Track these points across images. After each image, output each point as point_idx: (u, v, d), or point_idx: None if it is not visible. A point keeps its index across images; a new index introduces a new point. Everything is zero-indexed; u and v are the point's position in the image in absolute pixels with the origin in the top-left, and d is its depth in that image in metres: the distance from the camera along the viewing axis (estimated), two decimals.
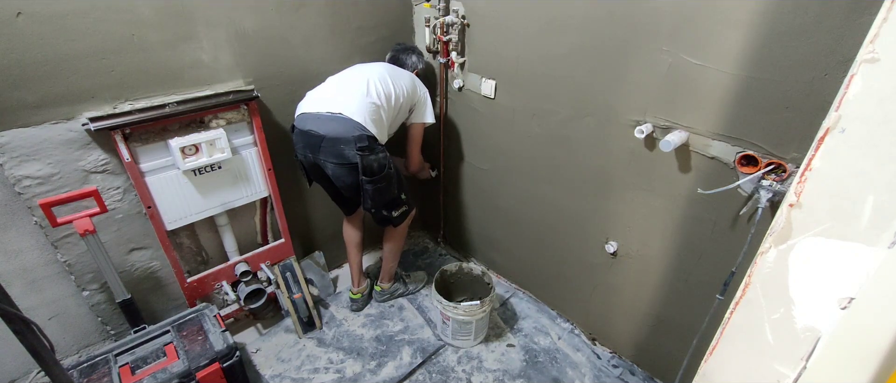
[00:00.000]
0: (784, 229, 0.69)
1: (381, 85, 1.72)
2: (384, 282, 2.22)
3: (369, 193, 1.71)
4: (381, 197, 1.75)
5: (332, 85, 1.75)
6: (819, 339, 0.67)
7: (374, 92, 1.70)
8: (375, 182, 1.68)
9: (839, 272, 0.64)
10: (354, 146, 1.60)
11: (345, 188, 1.78)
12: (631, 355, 1.93)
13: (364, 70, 1.78)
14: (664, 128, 1.41)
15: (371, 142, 1.63)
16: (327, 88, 1.74)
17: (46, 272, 1.60)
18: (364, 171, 1.64)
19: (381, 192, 1.73)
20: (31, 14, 1.28)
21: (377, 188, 1.70)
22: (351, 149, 1.61)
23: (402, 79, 1.81)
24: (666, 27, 1.29)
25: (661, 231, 1.57)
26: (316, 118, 1.64)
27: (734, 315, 0.79)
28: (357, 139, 1.59)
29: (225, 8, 1.59)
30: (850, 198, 0.61)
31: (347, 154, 1.62)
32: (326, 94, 1.71)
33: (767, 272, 0.72)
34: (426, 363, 1.95)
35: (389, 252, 2.13)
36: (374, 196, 1.72)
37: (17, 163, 1.40)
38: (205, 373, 1.49)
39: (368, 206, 1.76)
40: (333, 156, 1.64)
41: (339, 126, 1.61)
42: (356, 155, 1.60)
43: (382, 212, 1.85)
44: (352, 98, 1.66)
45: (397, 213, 1.89)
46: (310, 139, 1.65)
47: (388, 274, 2.20)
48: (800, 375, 0.71)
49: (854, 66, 0.58)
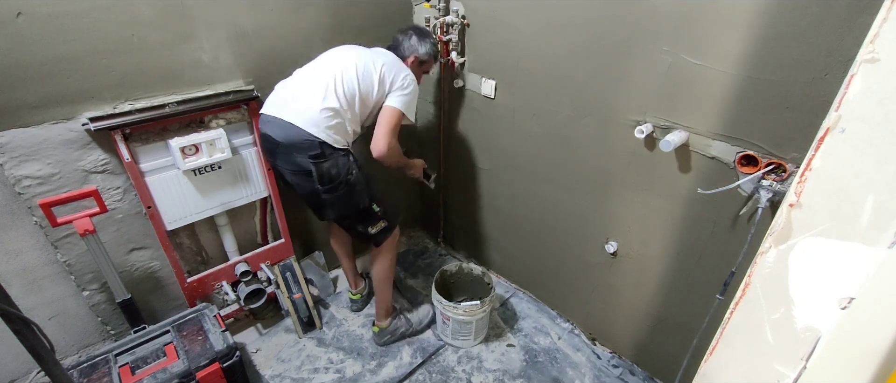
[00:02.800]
0: (784, 229, 0.69)
1: (343, 85, 1.55)
2: (381, 320, 1.97)
3: (328, 202, 1.58)
4: (343, 207, 1.61)
5: (293, 84, 1.62)
6: (819, 339, 0.67)
7: (333, 95, 1.53)
8: (332, 190, 1.56)
9: (839, 272, 0.64)
10: (306, 154, 1.51)
11: (305, 198, 1.67)
12: (631, 355, 1.93)
13: (333, 64, 1.60)
14: (664, 128, 1.41)
15: (324, 149, 1.52)
16: (288, 88, 1.62)
17: (46, 272, 1.60)
18: (319, 179, 1.54)
19: (341, 202, 1.60)
20: (31, 14, 1.28)
21: (336, 197, 1.58)
22: (303, 157, 1.52)
23: (375, 68, 1.59)
24: (666, 27, 1.29)
25: (661, 231, 1.56)
26: (273, 122, 1.55)
27: (734, 315, 0.79)
28: (308, 147, 1.50)
29: (225, 8, 1.59)
30: (850, 197, 0.61)
31: (300, 161, 1.53)
32: (286, 95, 1.60)
33: (767, 272, 0.72)
34: (426, 363, 1.95)
35: (378, 281, 1.90)
36: (333, 205, 1.59)
37: (17, 163, 1.40)
38: (205, 373, 1.49)
39: (331, 217, 1.64)
40: (288, 163, 1.56)
41: (291, 134, 1.51)
42: (309, 162, 1.51)
43: (356, 228, 1.70)
44: (306, 105, 1.52)
45: (375, 230, 1.71)
46: (267, 143, 1.59)
47: (383, 309, 1.95)
48: (800, 375, 0.70)
49: (854, 66, 0.58)
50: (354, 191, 1.61)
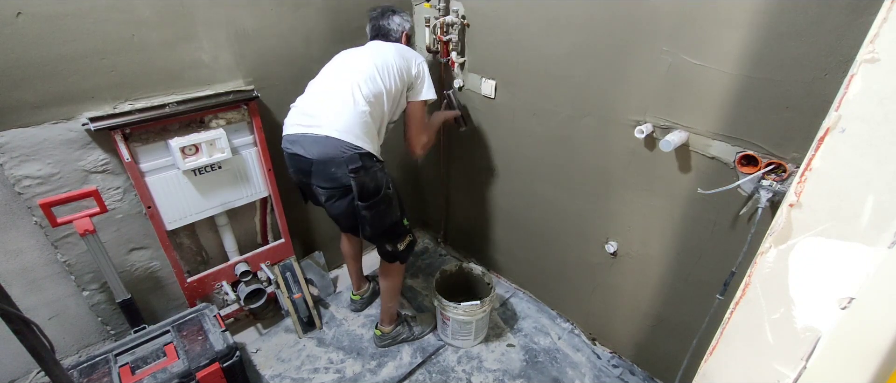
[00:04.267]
0: (784, 229, 0.69)
1: (368, 86, 1.51)
2: (385, 324, 1.98)
3: (368, 220, 1.54)
4: (381, 222, 1.57)
5: (315, 96, 1.56)
6: (819, 339, 0.67)
7: (361, 98, 1.49)
8: (373, 206, 1.51)
9: (839, 272, 0.64)
10: (347, 167, 1.45)
11: (341, 216, 1.62)
12: (631, 355, 1.93)
13: (349, 69, 1.56)
14: (664, 128, 1.41)
15: (364, 160, 1.47)
16: (311, 101, 1.55)
17: (46, 272, 1.60)
18: (359, 195, 1.48)
19: (380, 217, 1.56)
20: (31, 14, 1.28)
21: (376, 213, 1.54)
22: (342, 171, 1.46)
23: (392, 62, 1.57)
24: (666, 27, 1.29)
25: (661, 231, 1.56)
26: (302, 140, 1.49)
27: (734, 315, 0.79)
28: (349, 160, 1.44)
29: (225, 8, 1.59)
30: (850, 198, 0.61)
31: (339, 176, 1.47)
32: (310, 109, 1.53)
33: (767, 272, 0.72)
34: (426, 363, 1.95)
35: (387, 291, 1.88)
36: (372, 222, 1.55)
37: (17, 163, 1.40)
38: (205, 373, 1.49)
39: (368, 235, 1.59)
40: (324, 179, 1.51)
41: (327, 148, 1.45)
42: (348, 176, 1.45)
43: (386, 246, 1.65)
44: (337, 114, 1.47)
45: (403, 246, 1.68)
46: (299, 163, 1.53)
47: (388, 315, 1.96)
48: (800, 375, 0.70)
49: (854, 66, 0.58)
50: (392, 205, 1.58)
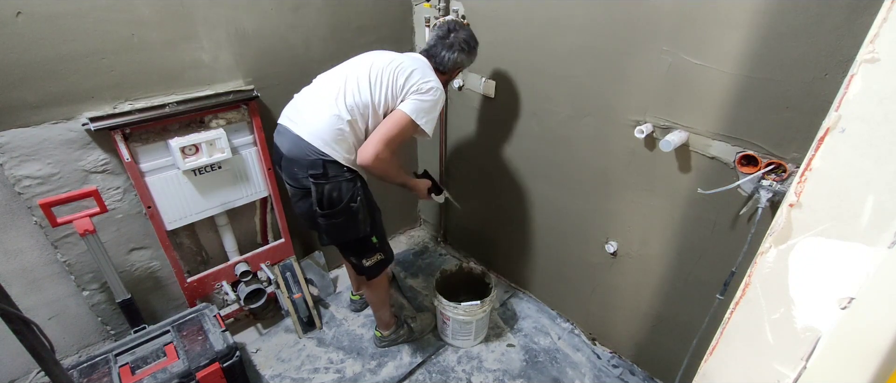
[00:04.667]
0: (784, 229, 0.69)
1: (353, 94, 1.40)
2: (382, 329, 1.96)
3: (324, 228, 1.47)
4: (339, 234, 1.49)
5: (309, 92, 1.51)
6: (819, 339, 0.67)
7: (342, 105, 1.39)
8: (330, 216, 1.43)
9: (839, 272, 0.64)
10: (307, 171, 1.38)
11: (302, 217, 1.58)
12: (631, 355, 1.93)
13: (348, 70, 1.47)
14: (664, 128, 1.41)
15: (329, 168, 1.39)
16: (304, 96, 1.51)
17: (46, 272, 1.60)
18: (317, 202, 1.41)
19: (339, 229, 1.46)
20: (31, 14, 1.28)
21: (333, 224, 1.45)
22: (304, 173, 1.40)
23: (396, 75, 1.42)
24: (666, 27, 1.29)
25: (661, 231, 1.56)
26: (284, 133, 1.46)
27: (734, 315, 0.79)
28: (310, 165, 1.37)
29: (225, 8, 1.59)
30: (850, 197, 0.61)
31: (300, 177, 1.42)
32: (299, 105, 1.49)
33: (767, 272, 0.72)
34: (426, 363, 1.95)
35: (372, 302, 1.86)
36: (329, 231, 1.47)
37: (17, 163, 1.40)
38: (205, 373, 1.49)
39: (324, 243, 1.53)
40: (289, 176, 1.49)
41: (295, 147, 1.40)
42: (308, 181, 1.39)
43: (350, 258, 1.59)
44: (313, 117, 1.40)
45: (369, 262, 1.58)
46: (275, 154, 1.53)
47: (382, 323, 1.93)
48: (800, 375, 0.70)
49: (854, 66, 0.58)
50: (354, 221, 1.47)
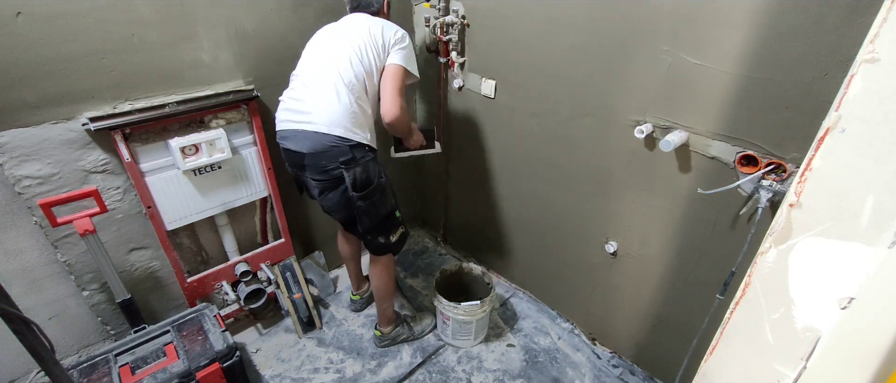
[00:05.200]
0: (784, 229, 0.69)
1: (349, 74, 1.48)
2: (383, 326, 1.97)
3: (363, 210, 1.54)
4: (376, 212, 1.57)
5: (300, 90, 1.53)
6: (819, 339, 0.67)
7: (345, 89, 1.46)
8: (367, 196, 1.52)
9: (839, 272, 0.64)
10: (338, 160, 1.46)
11: (334, 209, 1.63)
12: (631, 355, 1.93)
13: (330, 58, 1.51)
14: (664, 128, 1.41)
15: (355, 152, 1.47)
16: (297, 95, 1.53)
17: (46, 272, 1.60)
18: (353, 186, 1.48)
19: (376, 207, 1.56)
20: (31, 14, 1.28)
21: (371, 203, 1.54)
22: (334, 163, 1.47)
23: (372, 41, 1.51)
24: (666, 27, 1.29)
25: (661, 231, 1.56)
26: (294, 136, 1.50)
27: (734, 315, 0.79)
28: (339, 153, 1.45)
29: (225, 8, 1.59)
30: (849, 197, 0.61)
31: (330, 168, 1.49)
32: (298, 104, 1.52)
33: (767, 272, 0.72)
34: (426, 363, 1.95)
35: (379, 292, 1.85)
36: (368, 212, 1.55)
37: (17, 163, 1.40)
38: (205, 373, 1.49)
39: (365, 227, 1.59)
40: (317, 172, 1.52)
41: (317, 143, 1.46)
42: (340, 168, 1.47)
43: (378, 239, 1.64)
44: (324, 108, 1.46)
45: (395, 237, 1.68)
46: (293, 157, 1.55)
47: (385, 317, 1.94)
48: (800, 375, 0.70)
49: (854, 66, 0.58)
50: (386, 195, 1.57)
